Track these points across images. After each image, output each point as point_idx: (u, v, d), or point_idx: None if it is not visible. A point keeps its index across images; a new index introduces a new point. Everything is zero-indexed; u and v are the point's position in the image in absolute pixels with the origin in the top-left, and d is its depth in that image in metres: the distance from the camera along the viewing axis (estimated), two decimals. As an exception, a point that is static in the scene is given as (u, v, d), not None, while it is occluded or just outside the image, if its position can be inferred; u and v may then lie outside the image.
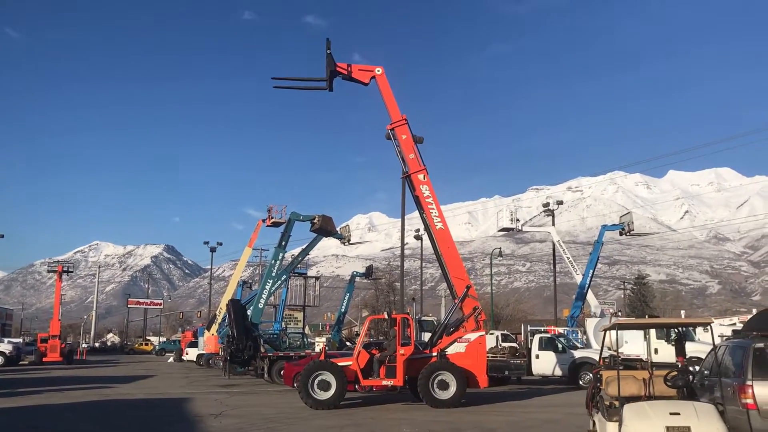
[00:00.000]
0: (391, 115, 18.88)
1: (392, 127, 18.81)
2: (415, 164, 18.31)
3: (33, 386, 23.18)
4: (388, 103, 18.97)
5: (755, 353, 8.27)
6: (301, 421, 13.27)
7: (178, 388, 22.85)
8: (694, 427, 6.31)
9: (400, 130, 18.69)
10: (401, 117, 18.74)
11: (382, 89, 19.07)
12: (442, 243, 17.75)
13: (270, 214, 37.55)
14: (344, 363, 15.98)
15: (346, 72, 19.17)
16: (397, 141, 18.84)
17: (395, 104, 18.97)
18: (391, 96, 19.06)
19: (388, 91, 19.05)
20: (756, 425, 7.84)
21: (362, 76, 19.22)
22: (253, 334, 26.15)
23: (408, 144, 18.60)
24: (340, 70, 19.14)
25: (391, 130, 18.93)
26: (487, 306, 60.95)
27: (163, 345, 72.71)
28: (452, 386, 15.47)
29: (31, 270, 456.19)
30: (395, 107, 18.92)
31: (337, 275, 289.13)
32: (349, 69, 19.17)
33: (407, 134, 18.64)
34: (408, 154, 18.51)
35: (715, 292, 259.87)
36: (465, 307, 16.96)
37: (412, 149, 18.56)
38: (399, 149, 18.84)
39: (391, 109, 18.97)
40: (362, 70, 19.23)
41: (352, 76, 19.22)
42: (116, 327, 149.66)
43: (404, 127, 18.65)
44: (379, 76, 19.10)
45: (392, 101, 18.98)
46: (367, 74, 19.19)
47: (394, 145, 19.01)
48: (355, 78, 19.27)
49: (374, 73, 19.12)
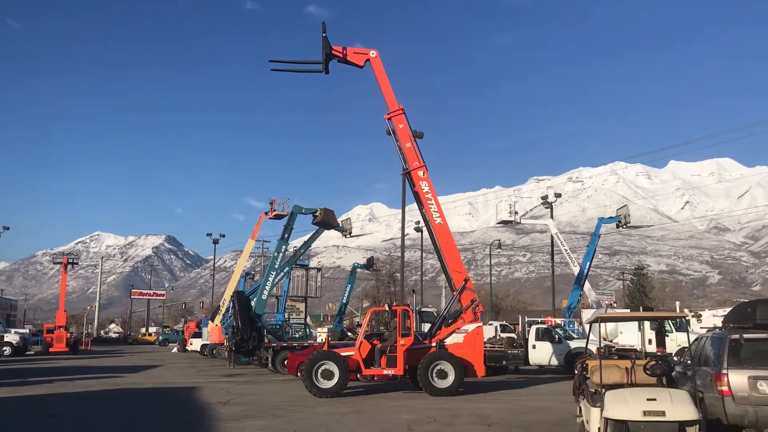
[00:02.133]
0: (388, 102, 19.12)
1: (389, 116, 19.07)
2: (414, 160, 18.77)
3: (43, 376, 23.78)
4: (384, 88, 19.15)
5: (731, 344, 8.84)
6: (306, 408, 13.89)
7: (184, 378, 23.48)
8: (668, 411, 6.89)
9: (397, 119, 18.94)
10: (398, 107, 18.97)
11: (377, 72, 19.22)
12: (441, 237, 18.30)
13: (272, 207, 38.18)
14: (347, 353, 16.60)
15: (342, 55, 19.42)
16: (394, 131, 19.08)
17: (391, 91, 19.15)
18: (386, 80, 19.22)
19: (383, 75, 19.23)
20: (730, 410, 8.43)
21: (357, 59, 19.44)
22: (258, 325, 26.81)
23: (405, 133, 18.88)
24: (335, 53, 19.38)
25: (388, 120, 19.18)
26: (487, 297, 61.60)
27: (166, 336, 73.48)
28: (450, 375, 16.09)
29: (33, 261, 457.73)
30: (391, 94, 19.11)
31: (338, 266, 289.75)
32: (344, 52, 19.42)
33: (404, 124, 18.92)
34: (405, 144, 18.81)
35: (715, 283, 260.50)
36: (463, 300, 17.54)
37: (409, 139, 18.83)
38: (398, 144, 19.22)
39: (387, 96, 19.15)
40: (357, 53, 19.47)
41: (347, 59, 19.45)
42: (118, 317, 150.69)
43: (401, 117, 18.91)
44: (374, 59, 19.27)
45: (387, 86, 19.16)
46: (362, 57, 19.41)
47: (394, 141, 19.42)
48: (350, 61, 19.47)
49: (369, 56, 19.34)
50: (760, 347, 8.74)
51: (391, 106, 19.10)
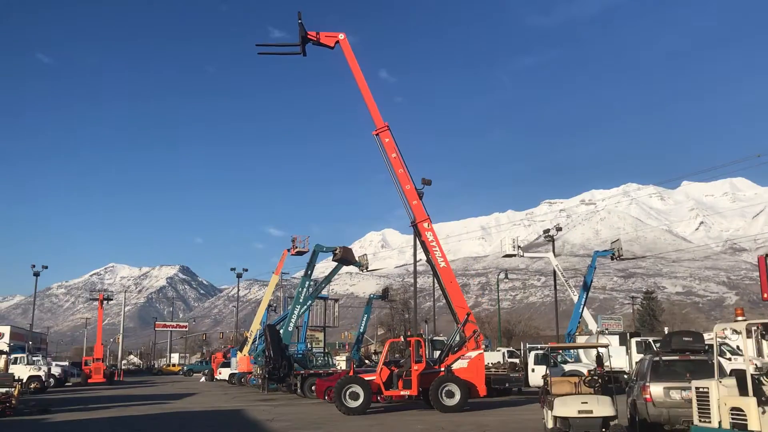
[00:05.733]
0: (374, 119, 21.65)
1: (377, 132, 21.76)
2: (422, 213, 21.92)
3: (98, 403, 26.64)
4: (361, 86, 21.81)
5: (653, 363, 12.06)
6: (339, 423, 17.08)
7: (225, 402, 26.66)
8: (595, 410, 10.08)
9: (383, 135, 21.76)
10: (384, 123, 21.49)
11: (346, 53, 22.13)
12: (445, 279, 21.55)
13: (294, 244, 41.90)
14: (369, 377, 19.81)
15: (315, 38, 22.60)
16: (382, 145, 21.65)
17: (374, 104, 21.69)
18: (355, 61, 21.98)
19: (352, 56, 22.08)
20: (651, 412, 11.59)
21: (328, 40, 22.62)
22: (287, 354, 30.07)
23: (391, 147, 21.54)
24: (310, 37, 22.61)
25: (376, 136, 21.78)
26: (497, 323, 64.23)
27: (190, 366, 76.54)
28: (457, 395, 19.18)
29: (48, 293, 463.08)
30: (376, 110, 21.66)
31: (351, 293, 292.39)
32: (318, 36, 22.60)
33: (390, 138, 21.62)
34: (391, 154, 21.42)
35: (732, 304, 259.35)
36: (466, 331, 20.71)
37: (395, 150, 21.47)
38: (386, 158, 21.39)
39: (373, 114, 21.66)
40: (328, 36, 22.73)
41: (320, 41, 22.61)
42: (134, 348, 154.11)
43: (387, 133, 21.76)
44: (342, 41, 22.28)
45: (357, 68, 21.80)
46: (332, 39, 22.61)
47: (382, 155, 21.70)
48: (323, 43, 22.62)
49: (338, 38, 22.45)
50: (673, 366, 11.92)
51: (378, 122, 21.90)
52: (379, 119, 22.01)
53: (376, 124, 21.98)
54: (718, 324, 10.20)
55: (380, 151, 22.03)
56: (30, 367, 38.20)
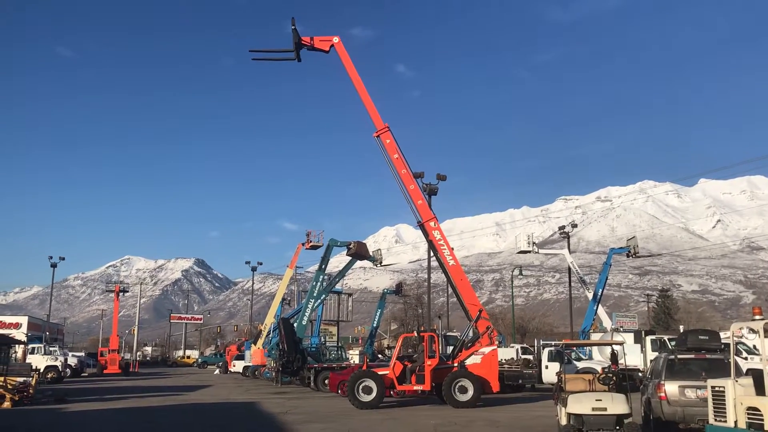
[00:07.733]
0: (374, 121, 21.43)
1: (378, 134, 21.53)
2: (427, 213, 21.75)
3: (114, 394, 27.05)
4: (356, 84, 21.47)
5: (668, 362, 11.95)
6: (352, 416, 17.16)
7: (239, 395, 26.89)
8: (609, 408, 10.02)
9: (384, 136, 21.56)
10: (384, 125, 21.26)
11: (342, 56, 21.76)
12: (455, 276, 21.50)
13: (309, 239, 42.14)
14: (383, 372, 19.86)
15: (310, 43, 22.16)
16: (383, 147, 21.49)
17: (372, 104, 21.41)
18: (351, 63, 21.66)
19: (348, 60, 21.73)
20: (666, 410, 11.48)
21: (323, 45, 22.17)
22: (300, 348, 30.23)
23: (392, 148, 21.41)
24: (304, 42, 22.15)
25: (377, 138, 21.54)
26: (511, 319, 64.06)
27: (204, 358, 77.20)
28: (470, 390, 19.17)
29: (65, 285, 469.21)
30: (375, 111, 21.37)
31: (365, 288, 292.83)
32: (312, 41, 22.16)
33: (391, 139, 21.42)
34: (393, 155, 21.30)
35: (749, 302, 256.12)
36: (479, 327, 20.68)
37: (396, 151, 21.35)
38: (387, 158, 21.24)
39: (373, 116, 21.40)
40: (322, 41, 22.25)
41: (315, 46, 22.17)
42: (150, 340, 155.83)
43: (387, 134, 21.53)
44: (337, 44, 21.85)
45: (354, 73, 21.45)
46: (327, 43, 22.17)
47: (384, 156, 21.54)
48: (317, 47, 22.15)
49: (332, 42, 22.02)
50: (688, 364, 11.82)
51: (378, 124, 21.67)
52: (378, 121, 21.77)
53: (376, 125, 21.74)
54: (735, 322, 10.09)
55: (382, 153, 21.84)
56: (47, 357, 38.86)
